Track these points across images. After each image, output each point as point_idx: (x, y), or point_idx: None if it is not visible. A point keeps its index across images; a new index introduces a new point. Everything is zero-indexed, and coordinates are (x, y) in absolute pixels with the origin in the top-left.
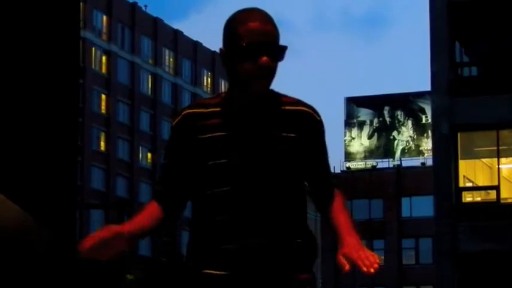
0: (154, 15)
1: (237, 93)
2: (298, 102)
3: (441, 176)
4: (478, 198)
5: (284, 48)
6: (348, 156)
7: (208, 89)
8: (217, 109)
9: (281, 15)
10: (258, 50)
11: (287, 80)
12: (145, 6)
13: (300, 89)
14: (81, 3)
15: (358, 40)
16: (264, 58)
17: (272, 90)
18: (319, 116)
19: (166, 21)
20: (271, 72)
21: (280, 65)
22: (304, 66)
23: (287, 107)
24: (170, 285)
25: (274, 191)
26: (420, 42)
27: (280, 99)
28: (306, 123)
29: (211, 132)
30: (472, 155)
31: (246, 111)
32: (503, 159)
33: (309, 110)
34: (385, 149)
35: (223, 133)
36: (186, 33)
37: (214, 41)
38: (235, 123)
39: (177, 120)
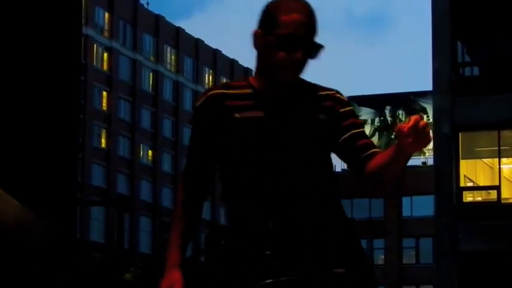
0: (156, 12)
1: (265, 80)
2: (324, 88)
3: (442, 176)
4: (479, 198)
5: (320, 47)
6: None
7: (210, 86)
8: (249, 90)
9: None
10: (296, 44)
11: None
12: (147, 3)
13: None
14: (83, 0)
15: (360, 40)
16: (299, 54)
17: (299, 78)
18: (344, 96)
19: (168, 19)
20: (301, 67)
21: None
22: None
23: (314, 92)
24: None
25: (303, 174)
26: (422, 42)
27: (307, 85)
28: (334, 103)
29: (246, 112)
30: (473, 155)
31: (277, 96)
32: (504, 159)
33: (335, 93)
34: (386, 148)
35: (258, 114)
36: (188, 30)
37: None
38: (268, 105)
39: (202, 100)
